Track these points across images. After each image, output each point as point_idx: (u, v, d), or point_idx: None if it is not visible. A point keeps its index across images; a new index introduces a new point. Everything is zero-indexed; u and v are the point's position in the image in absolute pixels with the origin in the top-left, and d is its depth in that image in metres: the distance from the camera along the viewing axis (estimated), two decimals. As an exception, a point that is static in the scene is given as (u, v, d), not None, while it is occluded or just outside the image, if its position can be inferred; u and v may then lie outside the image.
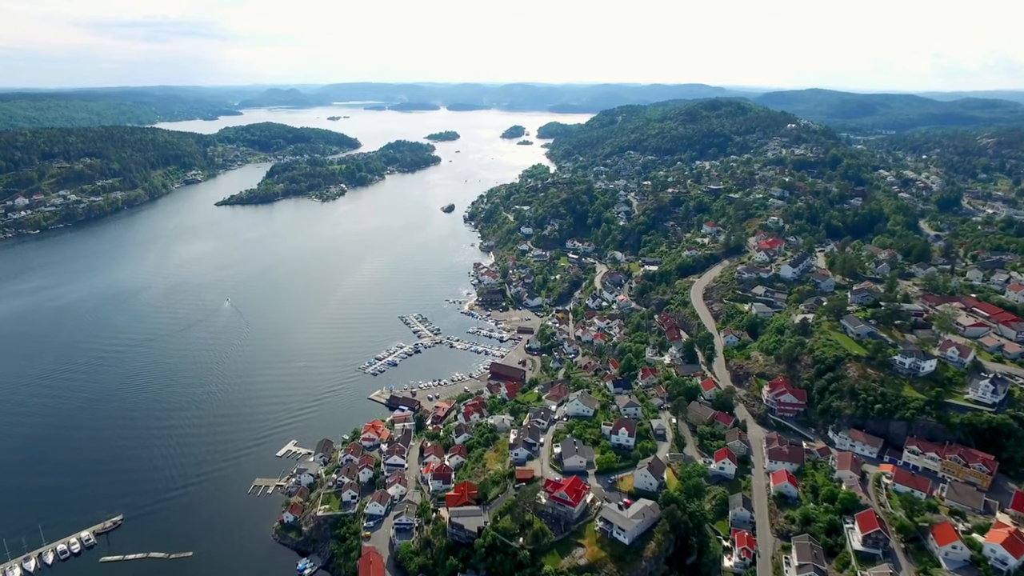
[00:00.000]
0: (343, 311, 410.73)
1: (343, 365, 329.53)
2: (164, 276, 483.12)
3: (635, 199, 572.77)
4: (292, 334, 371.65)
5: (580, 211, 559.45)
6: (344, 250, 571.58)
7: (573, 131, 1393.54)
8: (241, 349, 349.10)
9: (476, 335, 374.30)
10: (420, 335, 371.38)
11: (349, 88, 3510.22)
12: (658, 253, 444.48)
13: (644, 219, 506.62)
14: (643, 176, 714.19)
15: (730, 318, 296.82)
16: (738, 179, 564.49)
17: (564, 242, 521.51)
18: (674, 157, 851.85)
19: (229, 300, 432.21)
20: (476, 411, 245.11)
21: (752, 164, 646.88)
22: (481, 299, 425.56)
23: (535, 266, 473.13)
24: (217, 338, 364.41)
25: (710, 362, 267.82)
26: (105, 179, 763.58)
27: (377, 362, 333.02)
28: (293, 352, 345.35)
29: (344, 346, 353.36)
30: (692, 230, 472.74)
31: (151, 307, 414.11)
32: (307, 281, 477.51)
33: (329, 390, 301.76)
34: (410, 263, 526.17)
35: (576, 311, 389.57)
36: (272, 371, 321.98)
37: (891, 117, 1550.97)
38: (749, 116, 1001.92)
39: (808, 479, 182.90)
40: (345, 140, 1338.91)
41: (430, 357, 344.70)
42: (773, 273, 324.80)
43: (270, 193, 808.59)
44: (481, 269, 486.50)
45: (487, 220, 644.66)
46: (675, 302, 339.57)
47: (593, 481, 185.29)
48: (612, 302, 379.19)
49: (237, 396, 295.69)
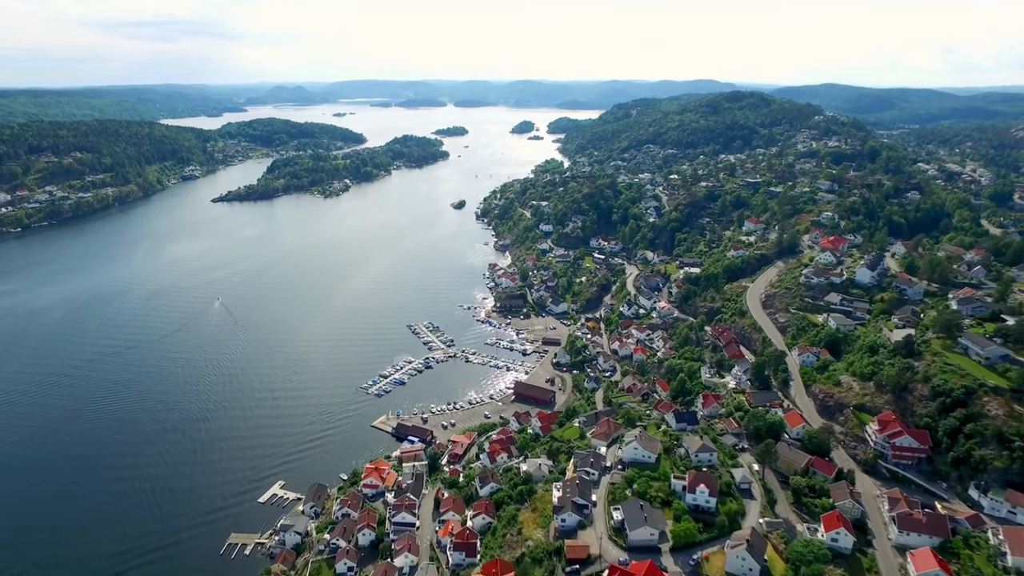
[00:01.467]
0: (344, 319, 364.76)
1: (342, 384, 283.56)
2: (148, 278, 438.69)
3: (663, 193, 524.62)
4: (286, 345, 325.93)
5: (604, 207, 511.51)
6: (347, 249, 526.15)
7: (585, 126, 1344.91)
8: (226, 363, 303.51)
9: (495, 347, 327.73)
10: (431, 347, 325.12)
11: (355, 85, 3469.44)
12: (696, 253, 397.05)
13: (677, 215, 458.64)
14: (666, 170, 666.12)
15: (801, 332, 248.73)
16: (776, 172, 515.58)
17: (588, 240, 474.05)
18: (696, 151, 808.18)
19: (220, 299, 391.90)
20: (503, 450, 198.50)
21: (785, 156, 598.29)
22: (499, 305, 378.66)
23: (558, 267, 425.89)
24: (200, 349, 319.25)
25: (785, 387, 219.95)
26: (96, 174, 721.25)
27: (382, 380, 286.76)
28: (285, 367, 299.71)
29: (344, 361, 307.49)
30: (732, 227, 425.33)
31: (129, 313, 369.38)
32: (305, 284, 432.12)
33: (326, 416, 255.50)
34: (419, 264, 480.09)
35: (609, 319, 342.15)
36: (260, 392, 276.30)
37: (910, 112, 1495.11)
38: (773, 108, 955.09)
39: (964, 564, 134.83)
40: (350, 135, 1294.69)
41: (443, 374, 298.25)
42: (846, 278, 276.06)
43: (269, 189, 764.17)
44: (497, 271, 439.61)
45: (501, 217, 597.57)
46: (728, 311, 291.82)
47: (669, 562, 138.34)
48: (651, 309, 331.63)
49: (216, 423, 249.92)
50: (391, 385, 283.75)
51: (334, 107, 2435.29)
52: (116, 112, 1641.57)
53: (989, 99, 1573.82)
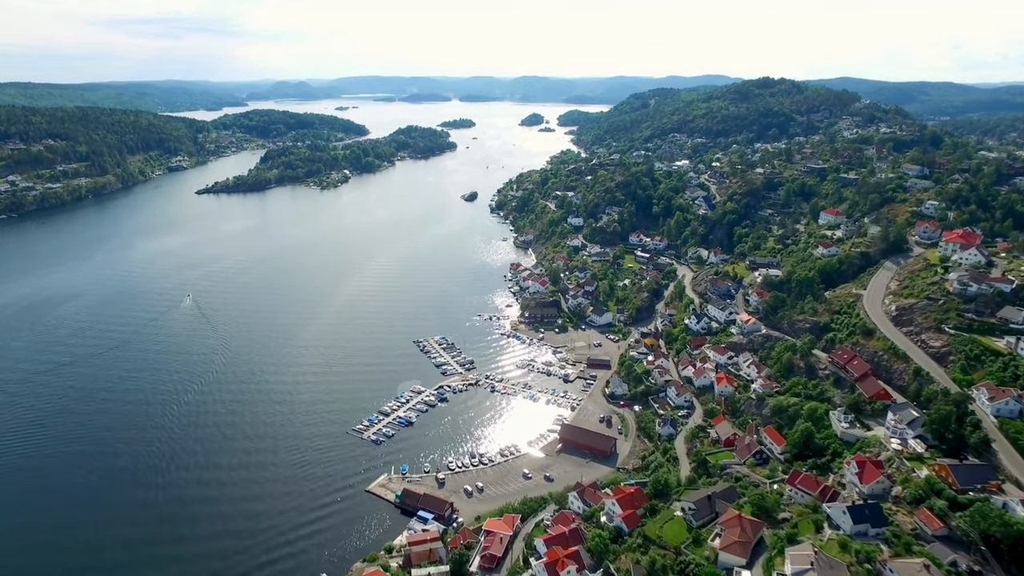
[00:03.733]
0: (336, 335, 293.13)
1: (330, 425, 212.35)
2: (107, 280, 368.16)
3: (710, 182, 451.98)
4: (259, 370, 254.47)
5: (642, 197, 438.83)
6: (344, 246, 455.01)
7: (599, 117, 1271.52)
8: (177, 392, 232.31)
9: (527, 371, 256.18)
10: (445, 370, 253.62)
11: (359, 81, 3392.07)
12: (767, 251, 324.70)
13: (733, 206, 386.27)
14: (696, 159, 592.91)
15: (975, 361, 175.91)
16: (843, 156, 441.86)
17: (627, 236, 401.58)
18: (728, 139, 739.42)
19: (190, 295, 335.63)
20: (571, 560, 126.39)
21: (837, 142, 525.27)
22: (528, 315, 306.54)
23: (595, 268, 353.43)
24: (149, 370, 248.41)
25: (984, 450, 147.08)
26: (69, 163, 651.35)
27: (381, 419, 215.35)
28: (257, 403, 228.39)
29: (334, 392, 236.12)
30: (805, 220, 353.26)
31: (73, 324, 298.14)
32: (291, 288, 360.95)
33: (301, 482, 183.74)
34: (427, 263, 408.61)
35: (672, 335, 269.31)
36: (213, 443, 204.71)
37: (931, 105, 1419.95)
38: (807, 94, 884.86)
39: None
40: (352, 127, 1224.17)
41: (462, 409, 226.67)
42: (1017, 284, 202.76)
43: (261, 180, 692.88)
44: (522, 272, 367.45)
45: (520, 210, 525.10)
46: (842, 327, 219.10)
47: None
48: (726, 323, 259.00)
49: (143, 497, 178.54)
50: (394, 427, 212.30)
51: (337, 102, 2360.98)
52: (111, 105, 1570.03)
53: (1013, 91, 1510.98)
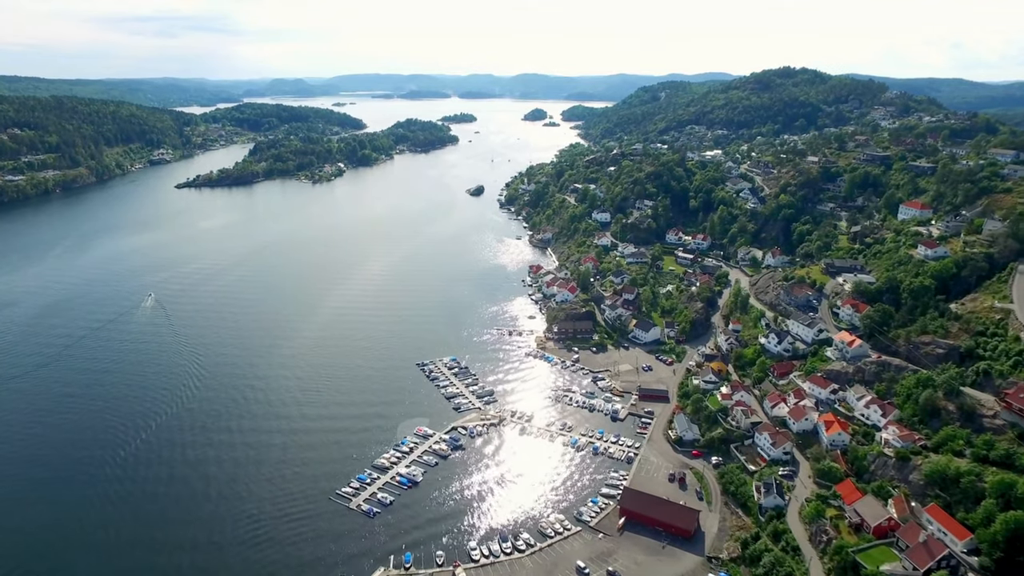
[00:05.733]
0: (319, 355, 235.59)
1: (306, 483, 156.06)
2: (53, 286, 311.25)
3: (755, 172, 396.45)
4: (220, 409, 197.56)
5: (676, 189, 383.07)
6: (336, 246, 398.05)
7: (606, 112, 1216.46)
8: (114, 435, 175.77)
9: (563, 402, 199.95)
10: (459, 405, 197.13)
11: (356, 79, 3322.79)
12: (843, 251, 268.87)
13: (788, 199, 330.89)
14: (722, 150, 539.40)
15: None
16: (907, 143, 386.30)
17: (662, 233, 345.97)
18: (751, 130, 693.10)
19: (152, 295, 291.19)
20: None
21: (881, 132, 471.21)
22: (557, 330, 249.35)
23: (633, 271, 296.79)
24: (84, 396, 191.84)
25: None
26: (36, 154, 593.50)
27: (376, 479, 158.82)
28: (208, 457, 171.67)
29: (315, 439, 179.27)
30: (880, 215, 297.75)
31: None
32: (271, 297, 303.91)
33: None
34: (431, 265, 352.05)
35: (743, 357, 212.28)
36: (145, 527, 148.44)
37: (944, 101, 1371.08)
38: (832, 83, 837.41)
39: None
40: (349, 120, 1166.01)
41: (482, 462, 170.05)
42: None
43: (247, 173, 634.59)
44: (544, 276, 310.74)
45: (534, 205, 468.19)
46: (999, 354, 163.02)
47: None
48: (816, 343, 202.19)
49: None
50: (393, 489, 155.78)
51: (334, 99, 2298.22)
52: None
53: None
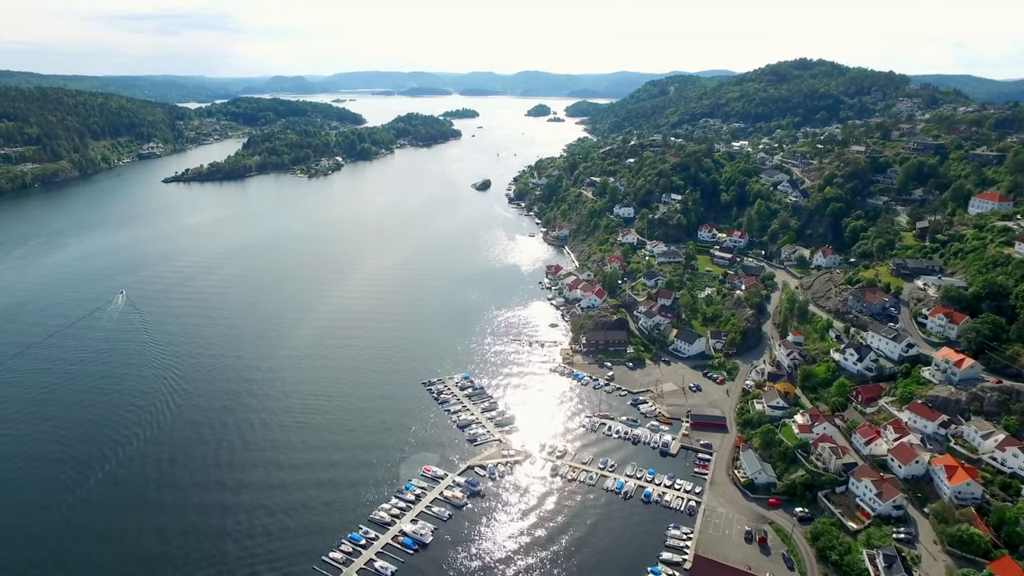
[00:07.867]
0: (307, 373, 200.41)
1: (285, 546, 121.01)
2: (8, 287, 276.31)
3: (792, 164, 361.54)
4: (186, 443, 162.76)
5: (706, 182, 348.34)
6: (332, 244, 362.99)
7: (613, 107, 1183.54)
8: (57, 483, 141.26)
9: (599, 433, 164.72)
10: (473, 435, 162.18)
11: (357, 76, 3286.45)
12: (910, 250, 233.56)
13: (835, 192, 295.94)
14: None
15: None
16: (960, 132, 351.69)
17: (694, 230, 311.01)
18: (769, 123, 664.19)
19: (123, 292, 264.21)
20: None
21: (917, 122, 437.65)
22: (585, 341, 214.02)
23: (666, 272, 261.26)
24: (20, 442, 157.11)
25: None
26: (14, 147, 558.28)
27: (371, 540, 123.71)
28: (169, 498, 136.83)
29: (299, 474, 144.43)
30: (948, 208, 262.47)
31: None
32: (257, 300, 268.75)
33: None
34: (436, 265, 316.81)
35: (812, 376, 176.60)
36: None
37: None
38: (852, 75, 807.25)
39: None
40: (348, 115, 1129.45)
41: (507, 512, 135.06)
42: None
43: (240, 167, 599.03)
44: (565, 277, 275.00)
45: (546, 199, 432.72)
46: None
47: None
48: (904, 360, 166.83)
49: None
50: (396, 555, 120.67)
51: (334, 96, 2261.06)
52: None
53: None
